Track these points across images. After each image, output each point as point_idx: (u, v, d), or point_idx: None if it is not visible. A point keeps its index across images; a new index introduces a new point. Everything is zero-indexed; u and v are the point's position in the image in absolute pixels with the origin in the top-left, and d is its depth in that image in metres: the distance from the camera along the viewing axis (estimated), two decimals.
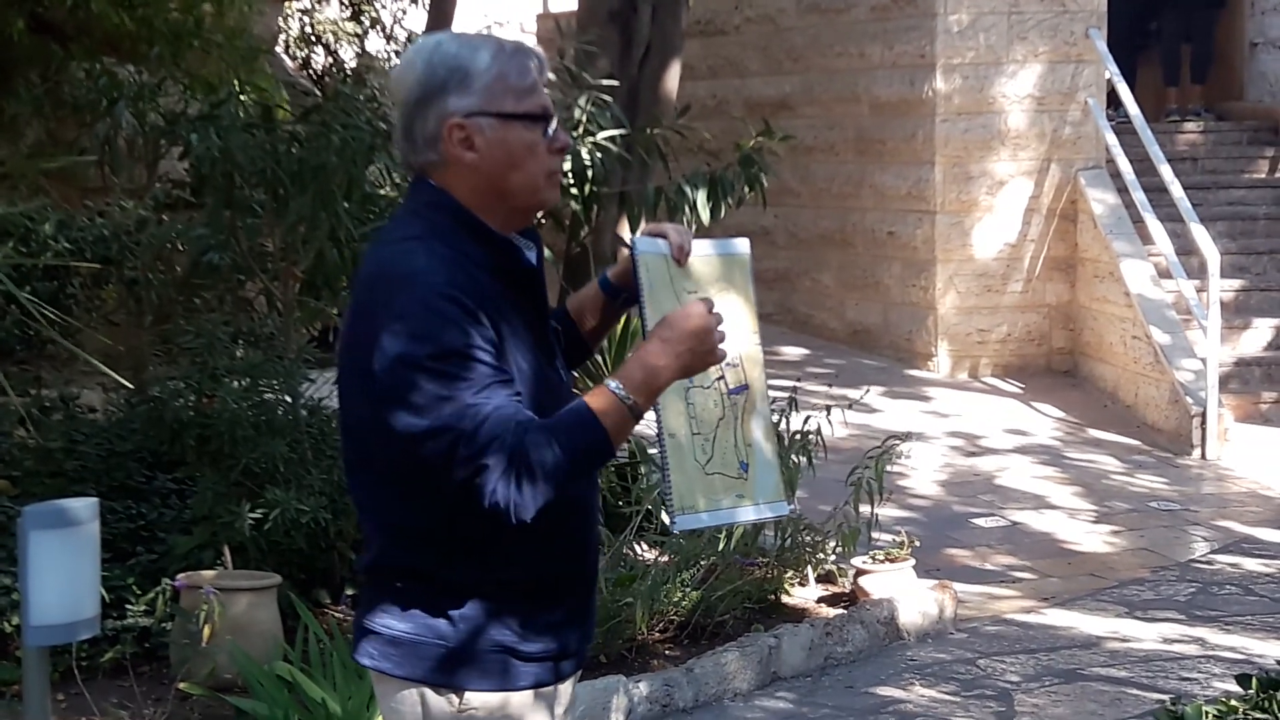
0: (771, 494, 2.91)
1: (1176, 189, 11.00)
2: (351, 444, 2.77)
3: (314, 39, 16.24)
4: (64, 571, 4.20)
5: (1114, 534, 8.34)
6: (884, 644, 6.52)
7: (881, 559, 6.81)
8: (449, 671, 2.71)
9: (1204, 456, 9.86)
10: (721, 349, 2.69)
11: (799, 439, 6.69)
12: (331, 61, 16.01)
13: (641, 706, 5.64)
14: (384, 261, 2.69)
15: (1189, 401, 10.00)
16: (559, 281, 7.98)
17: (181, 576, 5.59)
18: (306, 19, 16.18)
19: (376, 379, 2.61)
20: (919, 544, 7.14)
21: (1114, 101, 12.17)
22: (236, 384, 6.22)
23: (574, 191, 6.88)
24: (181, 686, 5.25)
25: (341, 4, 16.80)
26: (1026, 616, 7.01)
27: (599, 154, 6.82)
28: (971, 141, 11.98)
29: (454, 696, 2.72)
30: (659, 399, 2.70)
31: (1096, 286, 11.59)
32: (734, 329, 2.78)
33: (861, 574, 6.75)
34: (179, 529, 6.14)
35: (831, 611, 6.63)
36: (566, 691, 2.89)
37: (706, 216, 7.00)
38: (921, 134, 12.09)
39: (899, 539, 6.95)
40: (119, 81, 7.21)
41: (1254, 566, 7.73)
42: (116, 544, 5.96)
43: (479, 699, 2.72)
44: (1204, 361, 10.02)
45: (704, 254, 2.89)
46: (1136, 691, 6.01)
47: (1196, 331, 10.41)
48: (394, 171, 6.91)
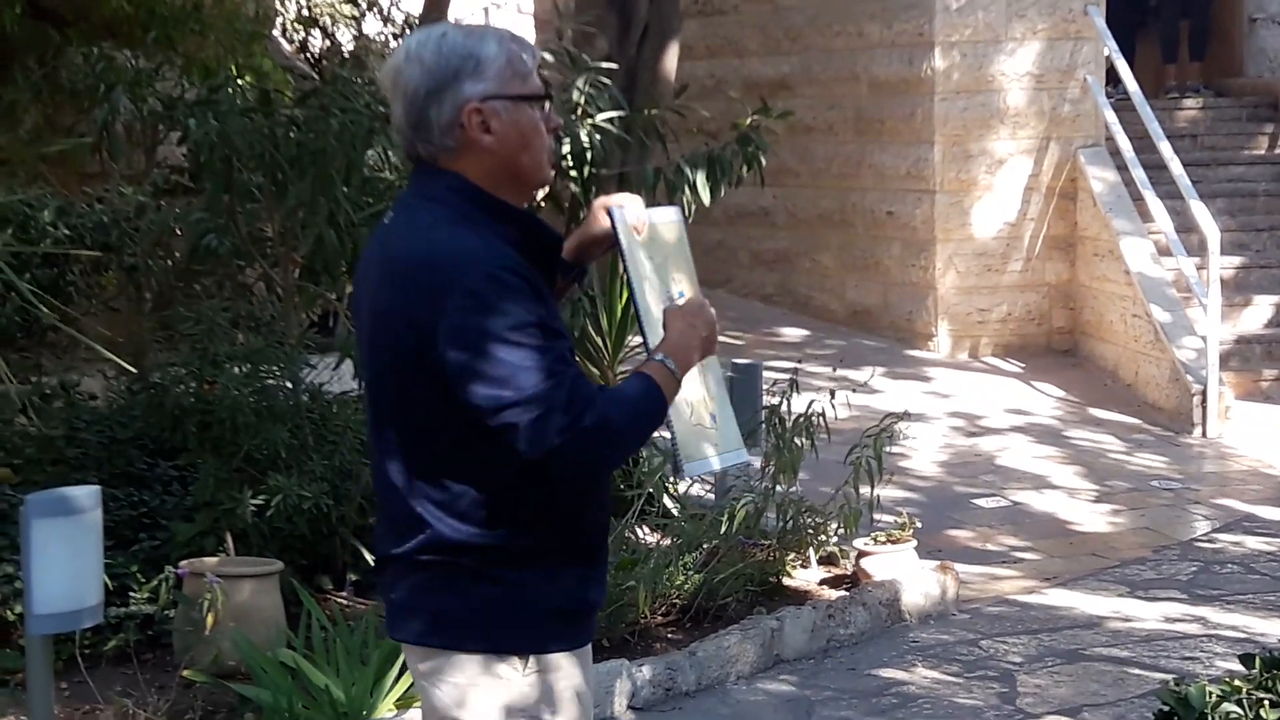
0: (734, 443, 3.07)
1: (1176, 166, 10.98)
2: (400, 427, 2.81)
3: (311, 22, 16.19)
4: (67, 559, 4.20)
5: (1115, 513, 8.35)
6: (886, 625, 6.53)
7: (883, 540, 6.80)
8: (511, 638, 2.80)
9: (1205, 435, 9.86)
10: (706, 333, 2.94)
11: (801, 422, 6.68)
12: (329, 44, 15.97)
13: (644, 690, 5.64)
14: (432, 245, 2.76)
15: (1189, 380, 10.00)
16: None
17: (184, 564, 5.59)
18: (303, 1, 16.13)
19: (447, 357, 2.69)
20: (920, 525, 7.15)
21: (1113, 79, 12.15)
22: (237, 370, 6.21)
23: (573, 174, 6.86)
24: (185, 674, 5.25)
25: None
26: (1028, 597, 7.01)
27: (598, 136, 6.80)
28: (970, 120, 11.96)
29: (518, 661, 2.81)
30: (649, 356, 2.89)
31: (1096, 265, 11.58)
32: (686, 291, 2.98)
33: (863, 556, 6.75)
34: (181, 516, 6.13)
35: (833, 593, 6.63)
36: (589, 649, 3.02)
37: (706, 197, 6.98)
38: (920, 113, 12.07)
39: (900, 520, 6.95)
40: (117, 66, 7.19)
41: (1256, 545, 7.73)
42: (119, 531, 5.95)
43: (542, 661, 2.82)
44: (1204, 339, 10.02)
45: (652, 222, 3.01)
46: (1139, 671, 6.02)
47: (1197, 309, 10.41)
48: (392, 155, 6.89)
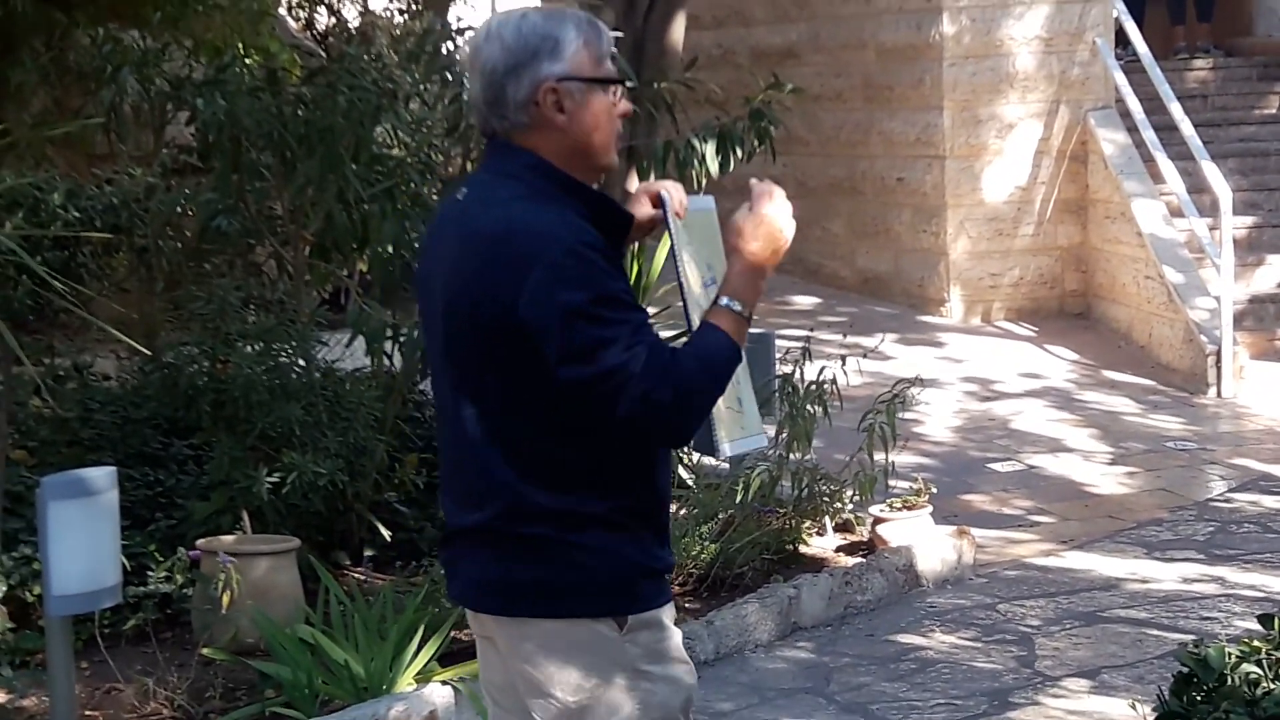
0: (756, 426, 3.13)
1: (1187, 127, 10.94)
2: (479, 397, 2.87)
3: None
4: (84, 541, 4.22)
5: (1131, 475, 8.34)
6: (903, 591, 6.54)
7: (899, 506, 6.81)
8: (605, 600, 2.87)
9: (1220, 395, 9.85)
10: (787, 222, 2.92)
11: (814, 389, 6.68)
12: (335, 21, 15.94)
13: None
14: (512, 220, 2.82)
15: (1203, 340, 9.98)
16: None
17: (200, 543, 5.61)
18: None
19: (530, 330, 2.76)
20: (936, 490, 7.15)
21: (1122, 41, 12.10)
22: (250, 349, 6.22)
23: None
24: (204, 652, 5.28)
25: None
26: (1045, 560, 7.02)
27: None
28: (979, 85, 11.91)
29: (613, 622, 2.87)
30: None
31: (1108, 227, 11.55)
32: (717, 277, 2.99)
33: (879, 522, 6.76)
34: (197, 495, 6.15)
35: (850, 560, 6.64)
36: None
37: (716, 169, 6.97)
38: (929, 79, 12.03)
39: (916, 486, 6.95)
40: (124, 48, 7.18)
41: (1272, 504, 7.72)
42: (135, 511, 5.97)
43: (636, 619, 2.88)
44: (1218, 300, 10.00)
45: (691, 209, 3.06)
46: (1157, 632, 6.02)
47: (1209, 270, 10.38)
48: (400, 131, 6.88)
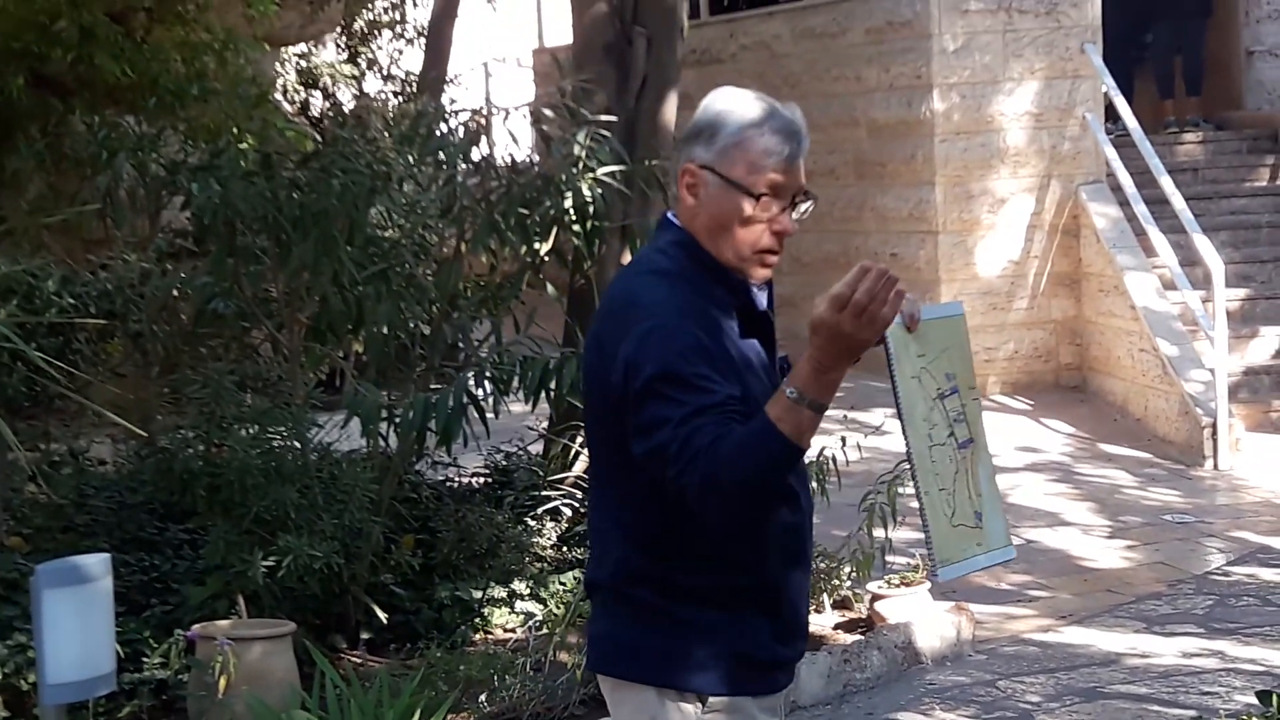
0: (1001, 540, 3.08)
1: (1178, 200, 11.00)
2: (595, 459, 3.03)
3: (312, 82, 16.27)
4: (78, 628, 4.20)
5: (1129, 548, 8.32)
6: (903, 669, 6.50)
7: (897, 583, 6.78)
8: (688, 675, 2.90)
9: (1216, 467, 9.84)
10: (875, 308, 2.66)
11: (813, 467, 6.67)
12: (330, 104, 16.04)
13: None
14: (631, 291, 2.91)
15: (1199, 412, 9.99)
16: (564, 315, 7.98)
17: (195, 627, 5.58)
18: (303, 62, 16.21)
19: (616, 397, 2.83)
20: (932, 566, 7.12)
21: (1112, 115, 12.19)
22: (245, 432, 6.21)
23: (575, 227, 6.88)
24: None
25: (338, 46, 16.84)
26: (1044, 635, 6.99)
27: (599, 189, 6.82)
28: (971, 160, 11.99)
29: (694, 698, 2.92)
30: (912, 464, 2.86)
31: (1102, 301, 11.58)
32: (960, 386, 2.99)
33: (878, 599, 6.73)
34: (192, 579, 6.13)
35: (849, 638, 6.60)
36: (779, 702, 3.08)
37: None
38: (921, 155, 12.11)
39: (914, 562, 6.93)
40: (120, 133, 7.23)
41: (1270, 576, 7.70)
42: (130, 596, 5.95)
43: (719, 701, 2.92)
44: (1212, 372, 10.01)
45: (928, 318, 3.00)
46: (1158, 708, 5.99)
47: (1204, 342, 10.40)
48: (395, 213, 6.91)
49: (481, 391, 6.05)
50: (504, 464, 7.70)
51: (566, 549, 7.01)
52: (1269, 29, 13.78)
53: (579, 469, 7.33)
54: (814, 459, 6.71)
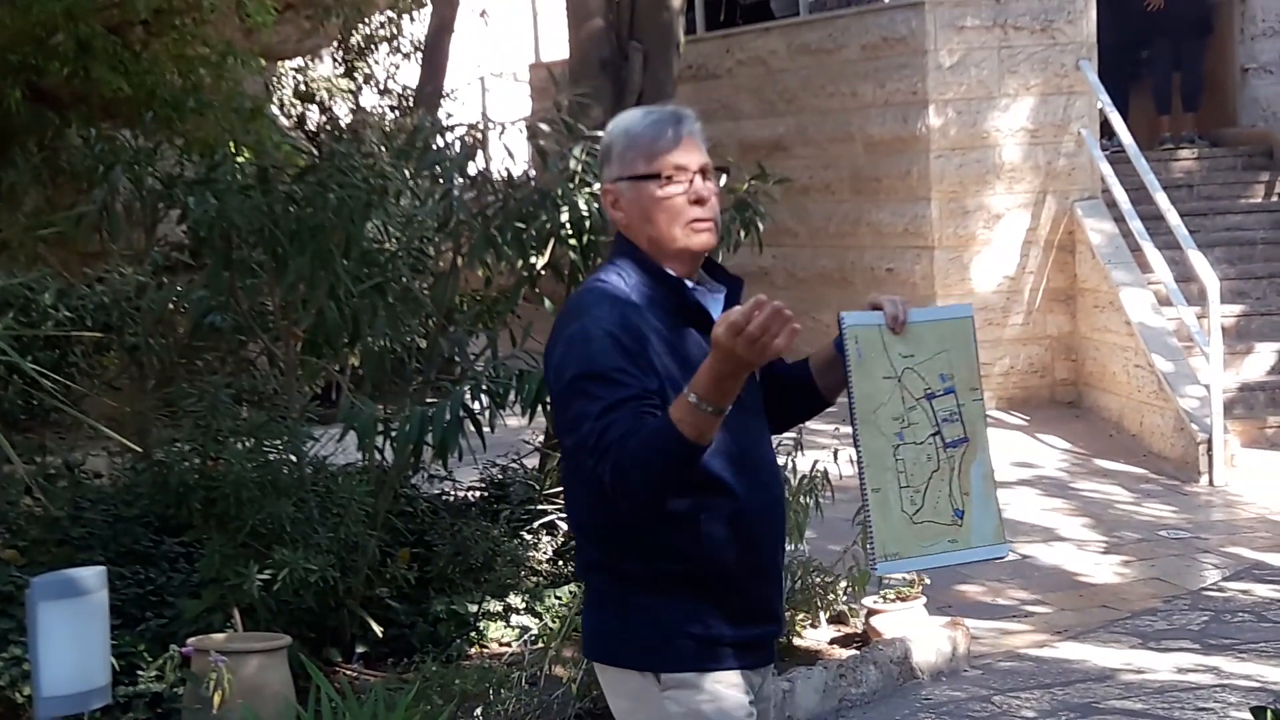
0: (990, 537, 3.17)
1: (1173, 216, 11.02)
2: (563, 457, 3.22)
3: (308, 97, 16.29)
4: (74, 641, 4.20)
5: (1124, 564, 8.32)
6: (898, 684, 6.50)
7: (892, 598, 6.78)
8: (646, 656, 3.09)
9: (1211, 483, 9.85)
10: (766, 340, 2.78)
11: (806, 481, 6.67)
12: (326, 119, 16.07)
13: None
14: (572, 300, 3.18)
15: (1194, 429, 9.99)
16: None
17: (191, 641, 5.58)
18: (300, 77, 16.24)
19: (552, 396, 3.11)
20: (929, 581, 7.12)
21: (1107, 131, 12.21)
22: (240, 445, 6.21)
23: (571, 241, 6.89)
24: None
25: (334, 61, 16.88)
26: (1040, 651, 6.99)
27: (595, 203, 6.83)
28: (966, 176, 12.01)
29: (653, 677, 3.09)
30: (861, 460, 3.09)
31: (1097, 316, 11.60)
32: (958, 386, 3.09)
33: (873, 614, 6.73)
34: (188, 592, 6.12)
35: (844, 653, 6.60)
36: (757, 680, 3.21)
37: None
38: (916, 170, 12.13)
39: (909, 577, 6.92)
40: (116, 147, 7.23)
41: (1266, 593, 7.70)
42: (125, 610, 5.94)
43: (672, 678, 3.08)
44: (1208, 388, 10.02)
45: (926, 320, 3.16)
46: None
47: (1199, 358, 10.42)
48: (391, 226, 6.92)
49: (478, 405, 6.04)
50: (500, 478, 7.70)
51: (562, 563, 7.01)
52: (1264, 46, 13.82)
53: None
54: (807, 473, 6.72)
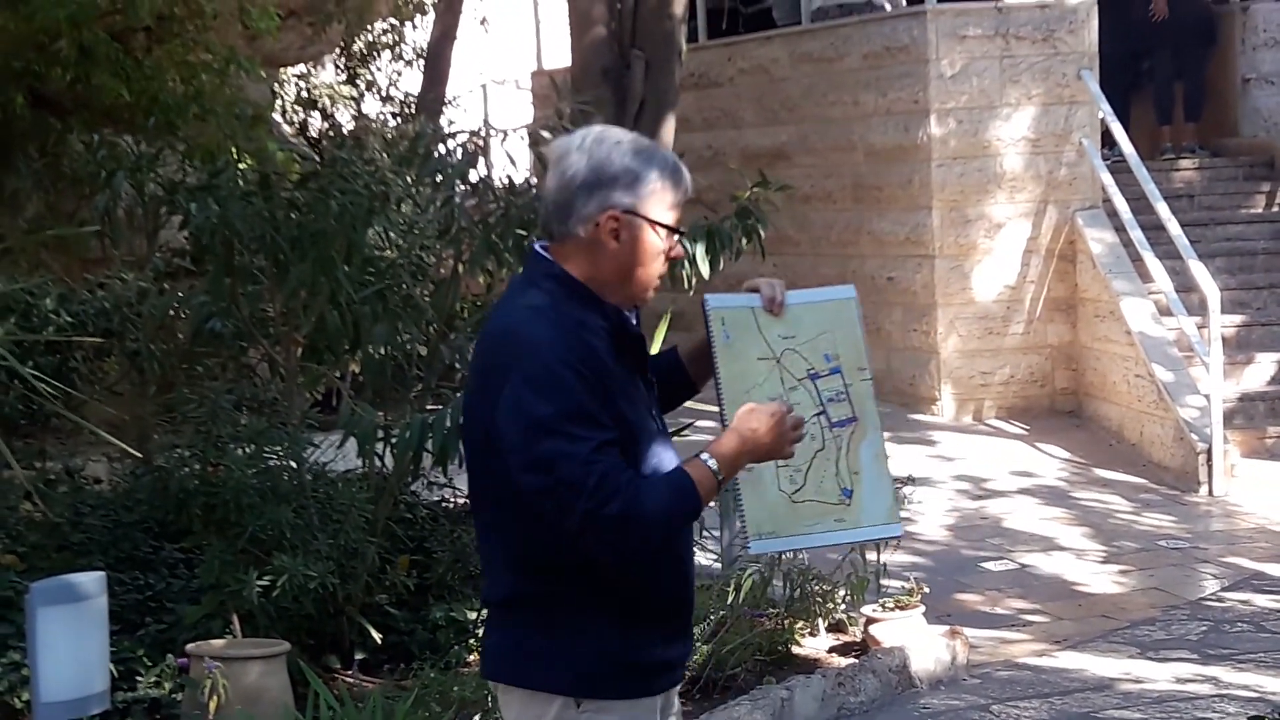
0: (881, 517, 3.17)
1: (1174, 226, 11.02)
2: (479, 486, 3.17)
3: (311, 104, 16.31)
4: (73, 647, 4.21)
5: (1123, 574, 8.32)
6: (897, 692, 6.50)
7: (891, 606, 6.79)
8: (561, 680, 3.09)
9: (1211, 493, 9.85)
10: (790, 449, 3.05)
11: None
12: (328, 125, 16.09)
13: None
14: (512, 326, 3.07)
15: (1194, 438, 10.00)
16: None
17: (190, 647, 5.58)
18: (302, 84, 16.26)
19: (501, 432, 3.00)
20: (928, 590, 7.13)
21: (1108, 141, 12.21)
22: (241, 451, 6.22)
23: None
24: None
25: (337, 68, 16.90)
26: (1039, 660, 6.99)
27: None
28: (968, 185, 12.01)
29: (570, 701, 3.09)
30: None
31: (1098, 326, 11.60)
32: (844, 367, 3.10)
33: (872, 622, 6.73)
34: (187, 598, 6.13)
35: (843, 661, 6.60)
36: (668, 702, 3.27)
37: (706, 270, 7.00)
38: (918, 179, 12.13)
39: (908, 585, 6.93)
40: (118, 153, 7.24)
41: (1265, 603, 7.70)
42: (125, 615, 5.94)
43: (593, 704, 3.10)
44: (1208, 398, 10.02)
45: (808, 301, 3.20)
46: None
47: (1199, 368, 10.42)
48: (392, 233, 6.93)
49: None
50: None
51: None
52: (1265, 56, 13.82)
53: None
54: None
